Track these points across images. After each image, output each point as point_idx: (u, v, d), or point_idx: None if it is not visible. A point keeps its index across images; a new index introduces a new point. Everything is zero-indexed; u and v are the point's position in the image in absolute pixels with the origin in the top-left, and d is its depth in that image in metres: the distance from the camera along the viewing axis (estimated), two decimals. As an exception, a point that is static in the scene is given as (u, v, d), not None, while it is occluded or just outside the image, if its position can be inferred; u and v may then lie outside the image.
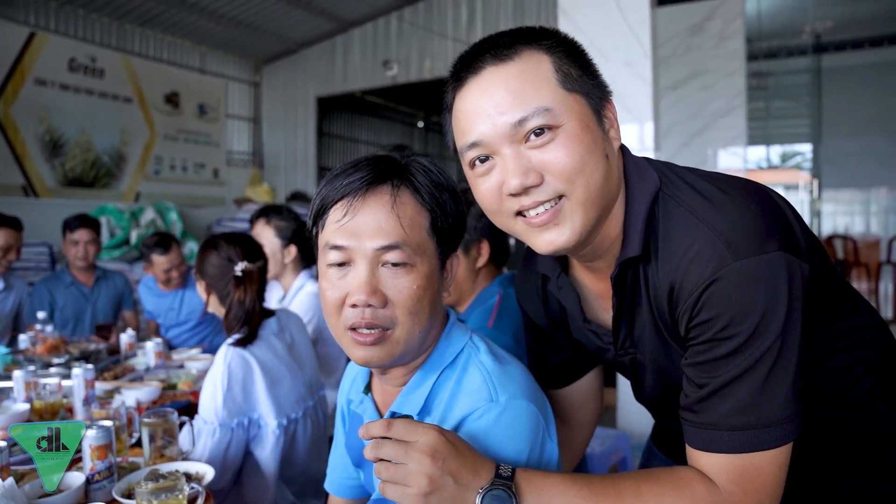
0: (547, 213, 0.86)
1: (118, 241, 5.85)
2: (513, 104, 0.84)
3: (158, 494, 1.21)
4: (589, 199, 0.86)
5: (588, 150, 0.85)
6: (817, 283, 0.89)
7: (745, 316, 0.79)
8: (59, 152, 5.99)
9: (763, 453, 0.81)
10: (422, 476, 0.79)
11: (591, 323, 1.07)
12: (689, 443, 0.87)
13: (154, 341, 2.71)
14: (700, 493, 0.83)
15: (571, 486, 0.83)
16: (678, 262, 0.84)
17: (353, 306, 0.94)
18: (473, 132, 0.87)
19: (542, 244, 0.89)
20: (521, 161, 0.85)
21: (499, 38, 0.89)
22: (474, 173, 0.91)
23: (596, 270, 1.00)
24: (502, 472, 0.83)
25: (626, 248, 0.91)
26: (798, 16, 8.00)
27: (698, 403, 0.85)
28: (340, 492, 1.28)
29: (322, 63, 8.25)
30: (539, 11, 6.81)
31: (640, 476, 0.87)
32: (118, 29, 6.68)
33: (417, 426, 0.83)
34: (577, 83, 0.87)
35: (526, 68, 0.86)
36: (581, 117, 0.85)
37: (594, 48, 3.31)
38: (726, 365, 0.82)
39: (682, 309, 0.85)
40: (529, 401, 0.96)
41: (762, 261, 0.79)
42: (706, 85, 4.96)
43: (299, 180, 8.64)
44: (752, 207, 0.84)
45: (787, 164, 11.24)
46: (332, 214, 0.97)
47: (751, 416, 0.81)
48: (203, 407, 1.71)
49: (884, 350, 1.01)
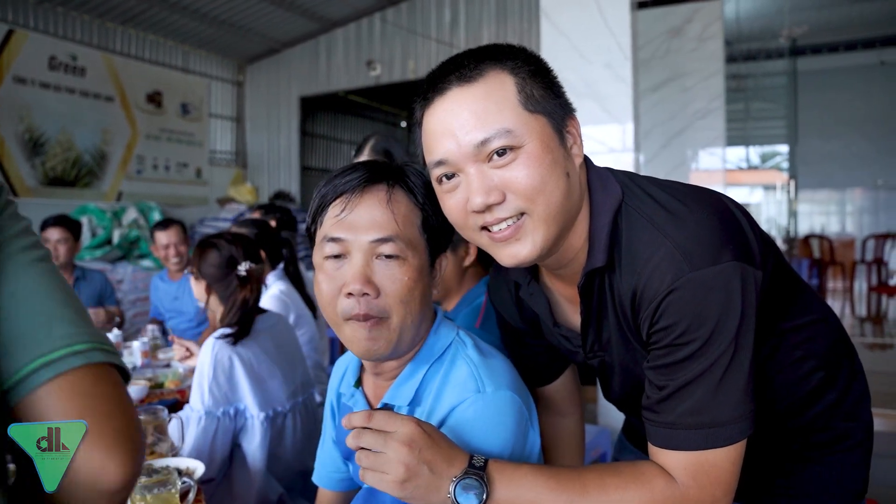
0: (509, 229, 0.90)
1: (100, 240, 5.82)
2: (476, 125, 0.88)
3: (151, 489, 1.23)
4: (549, 216, 0.90)
5: (548, 169, 0.88)
6: (772, 284, 0.95)
7: (700, 323, 0.84)
8: (40, 151, 5.93)
9: (718, 450, 0.87)
10: (399, 464, 0.84)
11: (562, 327, 1.12)
12: (650, 440, 0.93)
13: (141, 340, 2.72)
14: (659, 487, 0.88)
15: (539, 477, 0.89)
16: (640, 271, 0.89)
17: (348, 295, 0.99)
18: (439, 151, 0.91)
19: (506, 258, 0.93)
20: (485, 180, 0.88)
21: (464, 59, 0.92)
22: (442, 189, 0.95)
23: (564, 277, 1.05)
24: (475, 463, 0.88)
25: (592, 259, 0.95)
26: (775, 19, 8.15)
27: (658, 404, 0.90)
28: (329, 484, 1.31)
29: (305, 63, 8.24)
30: (521, 13, 6.86)
31: (604, 469, 0.93)
32: (99, 27, 6.62)
33: (396, 417, 0.88)
34: (539, 104, 0.90)
35: (490, 90, 0.89)
36: (542, 137, 0.89)
37: (575, 50, 3.36)
38: (684, 368, 0.87)
39: (644, 315, 0.90)
40: (514, 392, 1.02)
41: (716, 271, 0.84)
42: (686, 87, 5.04)
43: (282, 180, 8.62)
44: (709, 218, 0.89)
45: (766, 165, 11.43)
46: (331, 210, 1.03)
47: (706, 415, 0.87)
48: (192, 395, 1.74)
49: (835, 343, 1.07)
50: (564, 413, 1.36)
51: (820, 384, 1.02)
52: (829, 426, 1.04)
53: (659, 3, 5.16)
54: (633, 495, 0.88)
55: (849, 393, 1.05)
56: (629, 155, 3.32)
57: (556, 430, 1.34)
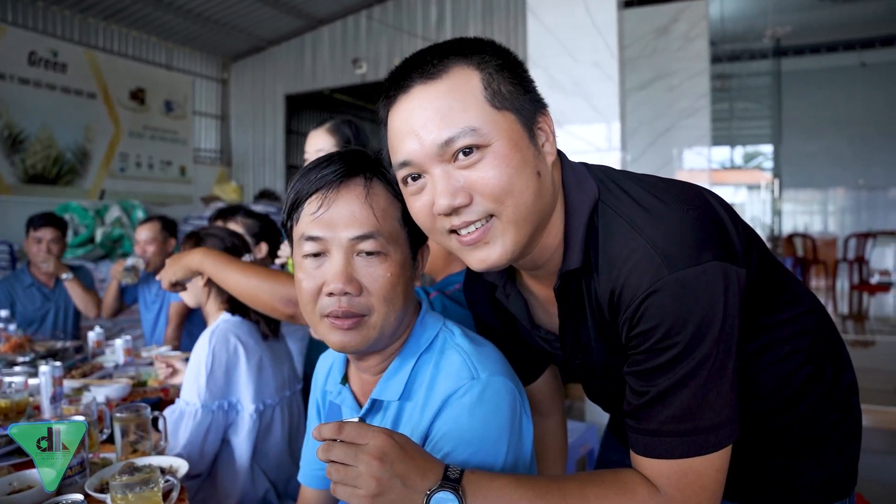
0: (477, 233, 0.86)
1: (82, 239, 5.74)
2: (439, 124, 0.83)
3: (133, 487, 1.20)
4: (519, 218, 0.85)
5: (517, 169, 0.84)
6: (757, 278, 0.92)
7: (682, 326, 0.81)
8: (20, 148, 5.85)
9: (702, 458, 0.84)
10: (370, 478, 0.80)
11: (541, 329, 1.09)
12: (632, 448, 0.89)
13: (124, 338, 2.68)
14: (641, 497, 0.85)
15: (517, 488, 0.85)
16: (617, 273, 0.85)
17: (329, 295, 0.96)
18: (403, 151, 0.87)
19: (475, 262, 0.89)
20: (450, 181, 0.84)
21: (428, 55, 0.88)
22: (407, 191, 0.91)
23: (540, 279, 1.01)
24: (450, 475, 0.84)
25: (567, 261, 0.92)
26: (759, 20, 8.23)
27: (639, 410, 0.87)
28: (313, 482, 1.29)
29: (291, 61, 8.20)
30: (507, 11, 6.87)
31: (584, 478, 0.89)
32: (81, 22, 6.54)
33: (367, 429, 0.84)
34: (506, 100, 0.85)
35: (454, 87, 0.84)
36: (510, 135, 0.84)
37: (562, 48, 3.37)
38: (665, 374, 0.83)
39: (622, 318, 0.86)
40: (507, 377, 1.00)
41: (697, 271, 0.80)
42: (672, 86, 5.08)
43: (267, 178, 8.57)
44: (688, 215, 0.85)
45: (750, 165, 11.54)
46: (307, 207, 0.99)
47: (689, 422, 0.83)
48: (186, 388, 1.70)
49: (822, 334, 1.05)
50: (546, 413, 1.33)
51: (809, 378, 1.00)
52: (818, 420, 1.02)
53: (645, 2, 5.19)
54: None
55: (838, 386, 1.04)
56: (616, 154, 3.33)
57: (538, 431, 1.31)
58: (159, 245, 3.52)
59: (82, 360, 2.70)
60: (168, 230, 3.61)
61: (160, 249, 3.54)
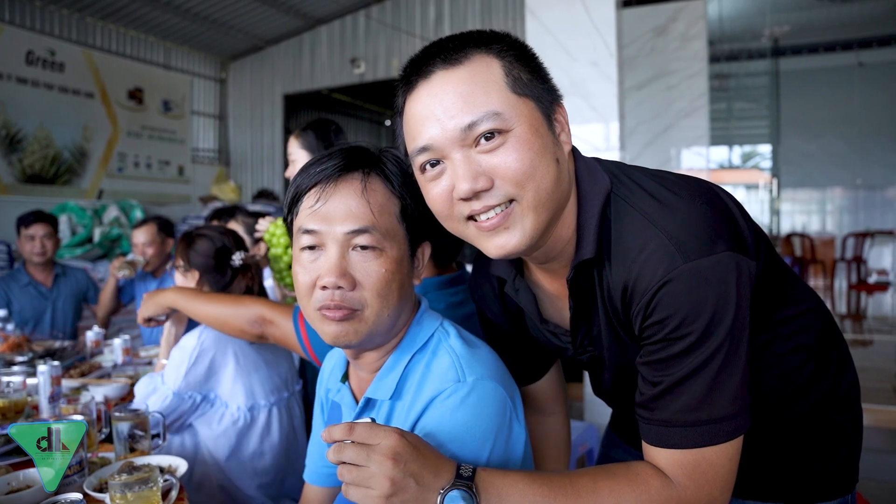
0: (497, 217, 0.86)
1: (80, 238, 5.73)
2: (462, 108, 0.84)
3: (132, 486, 1.20)
4: (539, 203, 0.86)
5: (538, 153, 0.85)
6: (764, 275, 0.93)
7: (696, 316, 0.81)
8: (17, 148, 5.83)
9: (715, 447, 0.84)
10: (384, 478, 0.80)
11: (549, 323, 1.09)
12: (645, 439, 0.90)
13: (122, 338, 2.67)
14: (654, 488, 0.85)
15: (530, 485, 0.85)
16: (631, 263, 0.86)
17: (323, 288, 0.96)
18: (423, 136, 0.87)
19: (493, 248, 0.89)
20: (471, 165, 0.85)
21: (448, 42, 0.89)
22: (425, 178, 0.91)
23: (551, 271, 1.01)
24: (463, 473, 0.84)
25: (581, 251, 0.92)
26: (757, 20, 8.24)
27: (652, 401, 0.87)
28: (318, 480, 1.29)
29: (289, 60, 8.19)
30: (506, 11, 6.87)
31: (596, 472, 0.89)
32: (79, 22, 6.53)
33: (379, 429, 0.84)
34: (527, 87, 0.87)
35: (475, 72, 0.85)
36: (531, 121, 0.85)
37: (561, 48, 3.37)
38: (679, 363, 0.84)
39: (636, 309, 0.87)
40: (497, 382, 0.99)
41: (711, 261, 0.81)
42: (670, 85, 5.08)
43: (266, 178, 8.56)
44: (701, 207, 0.86)
45: (748, 164, 11.55)
46: (306, 201, 1.00)
47: (702, 412, 0.84)
48: (167, 369, 1.72)
49: (825, 331, 1.06)
50: (549, 412, 1.33)
51: (811, 375, 1.01)
52: (821, 419, 1.03)
53: (643, 1, 5.20)
54: (627, 498, 0.85)
55: (840, 384, 1.04)
56: (614, 153, 3.33)
57: (541, 429, 1.32)
58: (158, 246, 3.53)
59: (80, 360, 2.70)
60: (165, 231, 3.61)
61: (159, 250, 3.54)
